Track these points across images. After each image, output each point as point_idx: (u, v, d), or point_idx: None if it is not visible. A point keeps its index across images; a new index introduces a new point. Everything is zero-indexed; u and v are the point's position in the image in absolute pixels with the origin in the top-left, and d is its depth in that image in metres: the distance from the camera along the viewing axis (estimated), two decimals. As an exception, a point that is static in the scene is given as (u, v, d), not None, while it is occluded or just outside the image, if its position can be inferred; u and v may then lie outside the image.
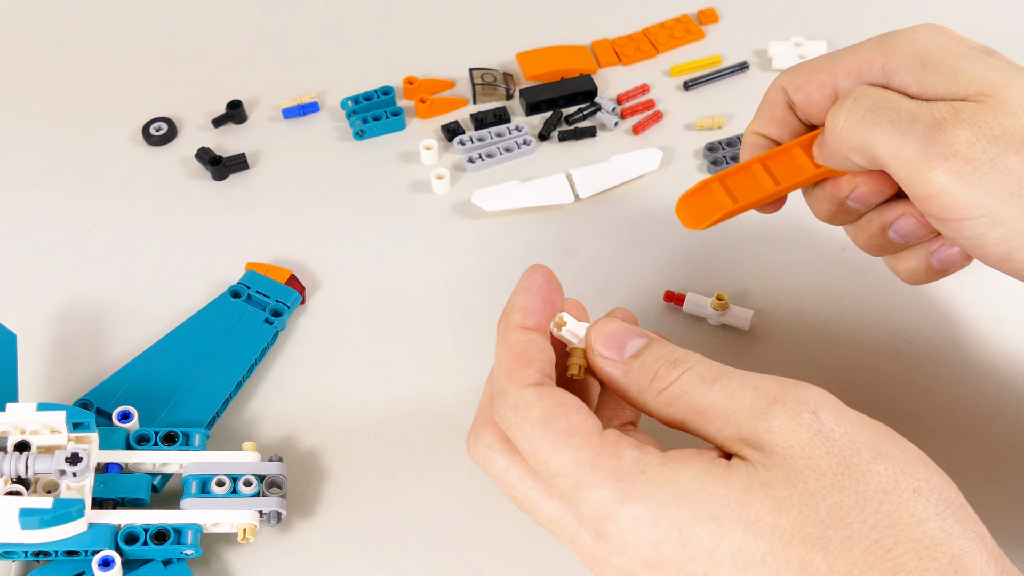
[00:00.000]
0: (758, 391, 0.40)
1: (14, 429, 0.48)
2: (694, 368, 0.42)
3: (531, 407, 0.41)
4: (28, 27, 0.75)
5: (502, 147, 0.66)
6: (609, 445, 0.40)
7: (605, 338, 0.44)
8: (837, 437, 0.38)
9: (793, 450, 0.38)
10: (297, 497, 0.51)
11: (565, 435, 0.40)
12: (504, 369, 0.43)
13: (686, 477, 0.38)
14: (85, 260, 0.62)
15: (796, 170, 0.49)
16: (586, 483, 0.39)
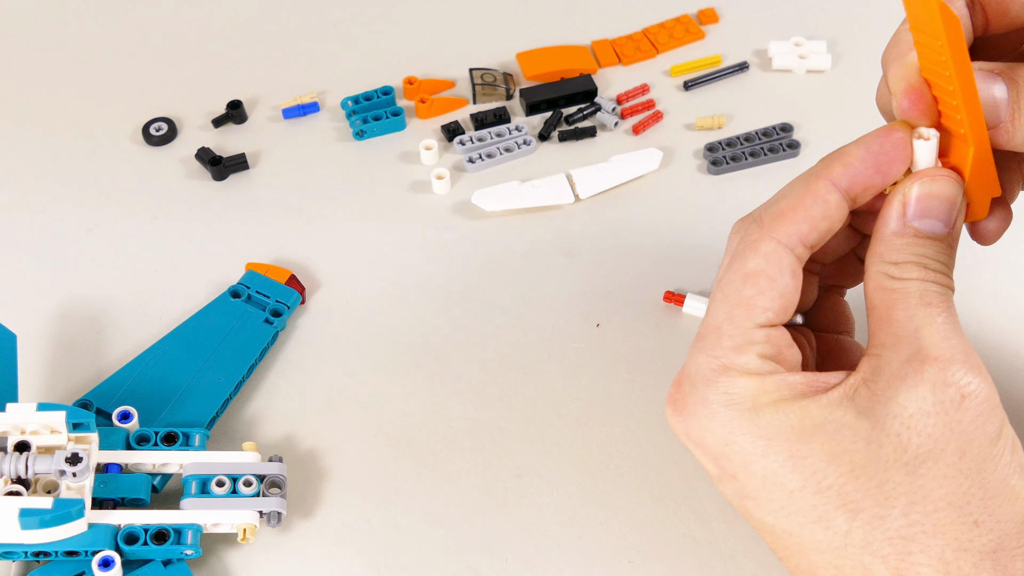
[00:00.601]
0: (947, 342, 0.37)
1: (14, 429, 0.48)
2: (929, 284, 0.38)
3: (754, 254, 0.40)
4: (28, 27, 0.75)
5: (502, 147, 0.66)
6: (745, 339, 0.39)
7: (924, 191, 0.39)
8: (959, 430, 0.36)
9: (903, 412, 0.36)
10: (297, 497, 0.51)
11: (738, 301, 0.40)
12: (779, 206, 0.40)
13: (768, 394, 0.38)
14: (85, 260, 0.62)
15: None
16: (704, 344, 0.40)
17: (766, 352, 0.40)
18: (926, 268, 0.38)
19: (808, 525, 0.38)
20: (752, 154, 0.65)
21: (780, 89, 0.70)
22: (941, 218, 0.39)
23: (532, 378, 0.56)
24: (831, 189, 0.40)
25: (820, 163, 0.40)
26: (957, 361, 0.37)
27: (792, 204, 0.40)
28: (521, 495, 0.51)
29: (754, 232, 0.40)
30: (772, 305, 0.40)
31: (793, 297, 0.40)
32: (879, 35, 0.73)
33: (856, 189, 0.40)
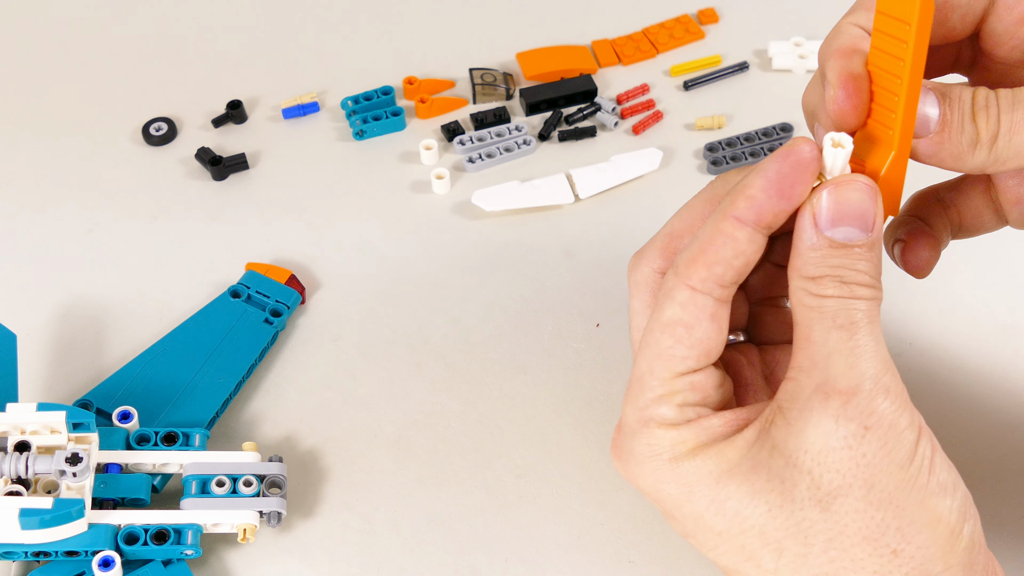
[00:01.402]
0: (852, 370, 0.36)
1: (14, 429, 0.48)
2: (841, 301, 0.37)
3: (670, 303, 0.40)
4: (28, 27, 0.75)
5: (502, 147, 0.66)
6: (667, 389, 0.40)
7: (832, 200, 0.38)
8: (863, 464, 0.36)
9: (812, 448, 0.37)
10: (297, 497, 0.51)
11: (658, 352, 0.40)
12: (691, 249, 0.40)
13: (685, 443, 0.39)
14: (85, 260, 0.62)
15: None
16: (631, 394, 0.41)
17: (689, 399, 0.40)
18: (843, 283, 0.37)
19: (742, 563, 0.39)
20: (752, 154, 0.66)
21: (780, 89, 0.70)
22: (856, 225, 0.38)
23: (532, 378, 0.56)
24: (738, 226, 0.39)
25: (726, 199, 0.39)
26: (862, 391, 0.36)
27: (703, 247, 0.39)
28: (521, 495, 0.51)
29: (669, 280, 0.40)
30: (691, 353, 0.40)
31: (715, 339, 0.40)
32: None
33: (765, 219, 0.39)
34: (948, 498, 0.37)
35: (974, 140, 0.38)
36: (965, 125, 0.38)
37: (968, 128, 0.38)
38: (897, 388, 0.37)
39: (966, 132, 0.38)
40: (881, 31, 0.37)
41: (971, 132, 0.38)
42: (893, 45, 0.37)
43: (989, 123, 0.38)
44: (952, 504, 0.37)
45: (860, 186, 0.38)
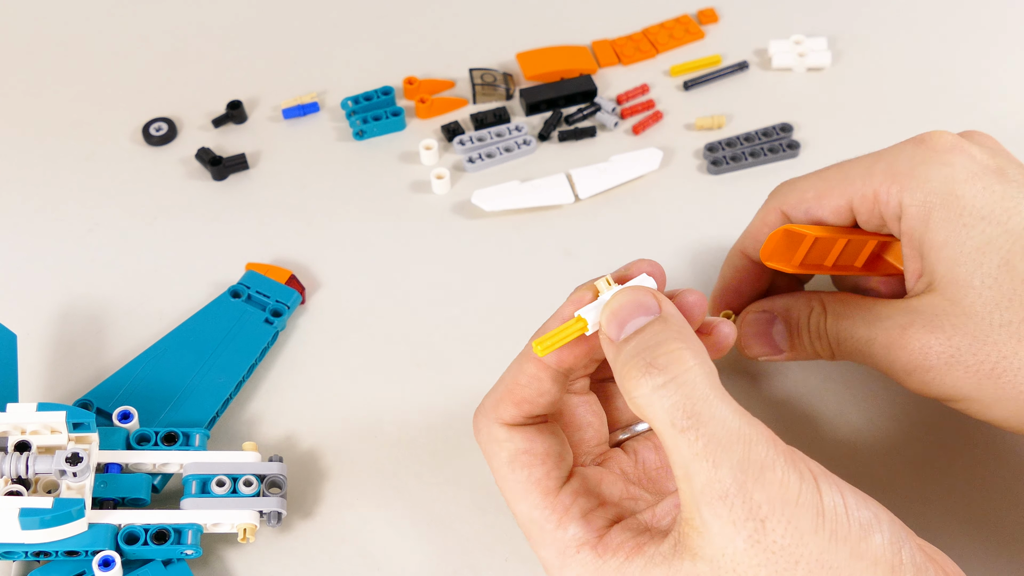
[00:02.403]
0: (717, 471, 0.36)
1: (14, 429, 0.48)
2: (667, 395, 0.37)
3: (499, 446, 0.43)
4: (28, 27, 0.75)
5: (502, 147, 0.66)
6: (559, 511, 0.42)
7: (610, 315, 0.40)
8: (777, 550, 0.36)
9: (725, 551, 0.37)
10: (297, 497, 0.51)
11: (524, 488, 0.42)
12: (498, 390, 0.44)
13: (609, 568, 0.40)
14: (85, 260, 0.62)
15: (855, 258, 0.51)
16: (535, 540, 0.42)
17: (585, 507, 0.42)
18: (651, 366, 0.38)
19: None
20: (752, 154, 0.66)
21: (780, 89, 0.70)
22: (635, 315, 0.39)
23: (532, 378, 0.56)
24: (540, 369, 0.42)
25: (535, 335, 0.43)
26: (735, 493, 0.36)
27: (507, 387, 0.43)
28: (521, 495, 0.51)
29: (483, 426, 0.44)
30: (547, 467, 0.42)
31: (560, 447, 0.43)
32: (879, 30, 0.73)
33: (567, 365, 0.42)
34: (876, 535, 0.37)
35: (814, 354, 0.50)
36: (806, 347, 0.50)
37: (808, 349, 0.50)
38: (769, 453, 0.37)
39: (807, 351, 0.50)
40: None
41: (811, 351, 0.50)
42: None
43: (823, 346, 0.49)
44: (882, 540, 0.37)
45: (623, 291, 0.40)
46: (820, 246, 0.48)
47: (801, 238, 0.48)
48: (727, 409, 0.37)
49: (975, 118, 0.67)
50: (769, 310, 0.51)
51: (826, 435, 0.53)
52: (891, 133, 0.67)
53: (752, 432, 0.37)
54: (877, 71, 0.71)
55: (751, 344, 0.52)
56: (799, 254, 0.48)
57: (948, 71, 0.71)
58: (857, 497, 0.38)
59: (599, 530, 0.41)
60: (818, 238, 0.48)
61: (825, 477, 0.37)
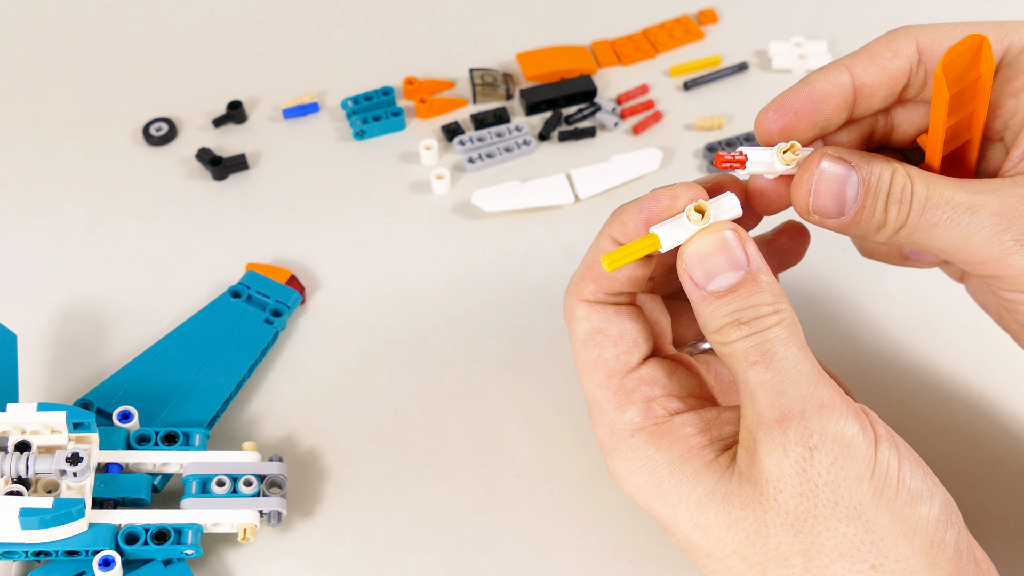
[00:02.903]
0: (780, 398, 0.38)
1: (14, 429, 0.48)
2: (747, 340, 0.38)
3: (578, 323, 0.43)
4: (28, 27, 0.75)
5: (502, 147, 0.66)
6: (622, 394, 0.41)
7: (695, 260, 0.40)
8: (820, 484, 0.37)
9: (771, 476, 0.38)
10: (297, 497, 0.51)
11: (592, 366, 0.42)
12: (580, 267, 0.43)
13: (663, 459, 0.40)
14: (85, 260, 0.62)
15: None
16: (595, 418, 0.42)
17: (646, 395, 0.42)
18: (741, 324, 0.39)
19: None
20: (752, 154, 0.65)
21: (780, 89, 0.70)
22: (726, 270, 0.39)
23: (532, 378, 0.56)
24: (612, 243, 0.42)
25: (606, 221, 0.42)
26: (793, 415, 0.37)
27: (587, 264, 0.43)
28: (521, 495, 0.51)
29: (567, 303, 0.43)
30: (617, 351, 0.42)
31: (635, 332, 0.42)
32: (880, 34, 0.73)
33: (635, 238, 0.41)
34: (923, 506, 0.37)
35: (881, 225, 0.41)
36: (877, 213, 0.40)
37: (879, 215, 0.40)
38: (836, 399, 0.38)
39: (876, 218, 0.41)
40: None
41: (880, 219, 0.40)
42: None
43: (899, 217, 0.40)
44: (929, 512, 0.37)
45: (710, 237, 0.40)
46: (967, 94, 0.41)
47: (978, 64, 0.40)
48: (803, 356, 0.38)
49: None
50: (848, 159, 0.41)
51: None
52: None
53: (822, 378, 0.38)
54: (877, 71, 0.71)
55: (822, 196, 0.41)
56: (960, 83, 0.40)
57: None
58: (915, 467, 0.38)
59: (658, 418, 0.41)
60: (982, 78, 0.40)
61: (888, 440, 0.38)
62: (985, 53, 0.40)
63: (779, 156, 0.41)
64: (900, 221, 0.40)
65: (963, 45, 0.40)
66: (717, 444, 0.40)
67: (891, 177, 0.40)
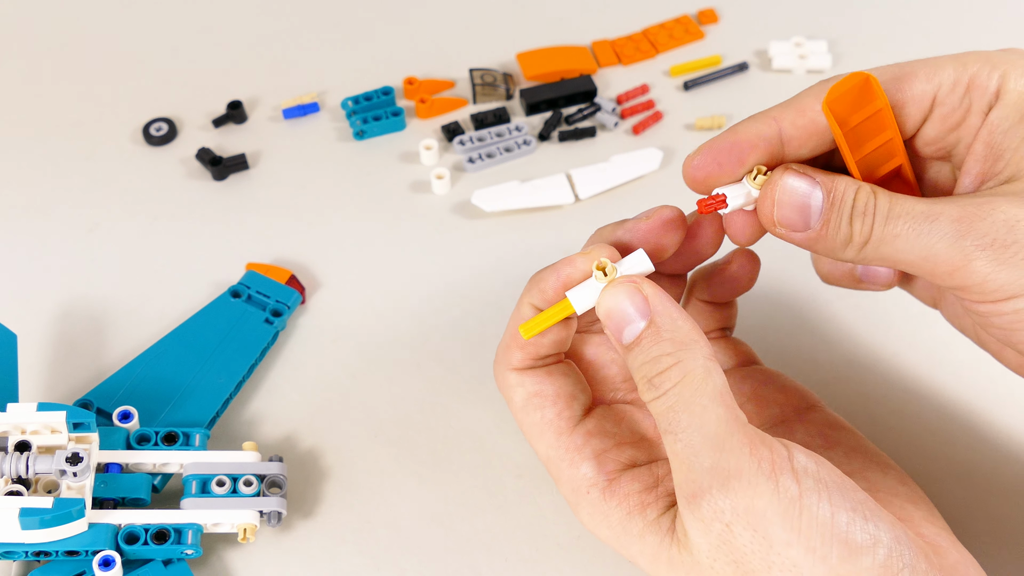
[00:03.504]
0: (689, 473, 0.38)
1: (14, 429, 0.48)
2: (657, 403, 0.39)
3: (513, 391, 0.44)
4: (28, 27, 0.75)
5: (502, 147, 0.66)
6: (572, 450, 0.43)
7: (606, 315, 0.41)
8: (748, 552, 0.37)
9: (702, 549, 0.38)
10: (297, 497, 0.51)
11: (539, 429, 0.43)
12: (505, 337, 0.44)
13: (615, 516, 0.41)
14: (85, 260, 0.62)
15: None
16: (555, 477, 0.43)
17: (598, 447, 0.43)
18: (650, 383, 0.39)
19: None
20: (752, 154, 0.65)
21: (780, 89, 0.70)
22: (631, 320, 0.40)
23: (532, 378, 0.56)
24: (532, 310, 0.43)
25: (528, 284, 0.43)
26: (702, 494, 0.38)
27: (512, 333, 0.44)
28: (521, 495, 0.51)
29: (498, 374, 0.45)
30: (559, 407, 0.43)
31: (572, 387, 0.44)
32: (880, 35, 0.73)
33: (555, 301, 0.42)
34: (865, 557, 0.36)
35: (847, 239, 0.41)
36: (842, 226, 0.40)
37: (844, 229, 0.40)
38: (742, 466, 0.37)
39: (841, 231, 0.40)
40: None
41: (846, 233, 0.40)
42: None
43: (863, 229, 0.40)
44: (872, 562, 0.36)
45: (612, 290, 0.41)
46: (872, 124, 0.42)
47: (872, 98, 0.41)
48: (709, 415, 0.38)
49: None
50: (811, 175, 0.41)
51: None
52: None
53: (729, 439, 0.38)
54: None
55: (786, 207, 0.41)
56: (857, 116, 0.42)
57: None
58: (853, 514, 0.37)
59: (610, 473, 0.42)
60: (881, 110, 0.42)
61: (816, 490, 0.37)
62: (875, 88, 0.41)
63: (751, 184, 0.42)
64: (865, 234, 0.40)
65: (847, 83, 0.41)
66: (663, 501, 0.41)
67: (855, 191, 0.41)
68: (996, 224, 0.38)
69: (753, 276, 0.47)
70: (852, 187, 0.41)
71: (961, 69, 0.41)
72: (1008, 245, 0.38)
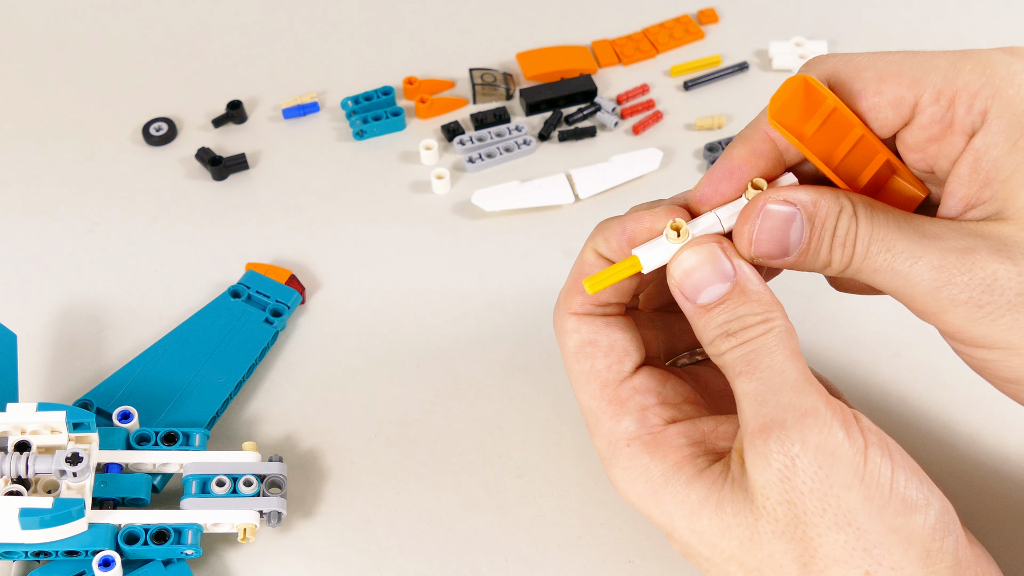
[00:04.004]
0: (762, 408, 0.38)
1: (14, 429, 0.48)
2: (736, 350, 0.39)
3: (568, 336, 0.43)
4: (28, 27, 0.75)
5: (502, 147, 0.66)
6: (616, 403, 0.42)
7: (682, 274, 0.41)
8: (806, 492, 0.37)
9: (758, 485, 0.38)
10: (297, 497, 0.51)
11: (585, 378, 0.42)
12: (566, 284, 0.44)
13: (657, 468, 0.41)
14: (85, 260, 0.62)
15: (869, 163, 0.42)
16: (592, 429, 0.43)
17: (641, 404, 0.42)
18: (729, 335, 0.40)
19: None
20: (752, 154, 0.65)
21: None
22: (714, 282, 0.40)
23: (532, 378, 0.56)
24: (596, 257, 0.43)
25: (591, 234, 0.43)
26: (773, 427, 0.37)
27: (574, 278, 0.43)
28: (521, 495, 0.51)
29: (557, 318, 0.44)
30: (608, 361, 0.42)
31: (626, 341, 0.43)
32: (880, 35, 0.73)
33: (619, 255, 0.42)
34: (918, 515, 0.37)
35: (827, 264, 0.41)
36: (821, 253, 0.41)
37: (823, 257, 0.41)
38: (819, 407, 0.37)
39: (820, 259, 0.41)
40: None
41: (825, 260, 0.41)
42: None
43: (843, 259, 0.40)
44: (924, 521, 0.37)
45: (695, 252, 0.40)
46: (833, 126, 0.41)
47: (820, 100, 0.40)
48: (790, 364, 0.39)
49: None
50: (792, 202, 0.40)
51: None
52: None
53: (808, 386, 0.38)
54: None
55: (763, 241, 0.41)
56: (812, 123, 0.40)
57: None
58: (910, 475, 0.37)
59: (653, 427, 0.42)
60: (836, 109, 0.40)
61: (880, 446, 0.37)
62: (818, 89, 0.40)
63: (747, 196, 0.42)
64: (844, 263, 0.41)
65: (786, 91, 0.40)
66: (711, 455, 0.41)
67: (836, 219, 0.40)
68: (974, 282, 0.38)
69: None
70: (835, 209, 0.40)
71: (951, 77, 0.39)
72: (983, 305, 0.38)
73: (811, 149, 0.41)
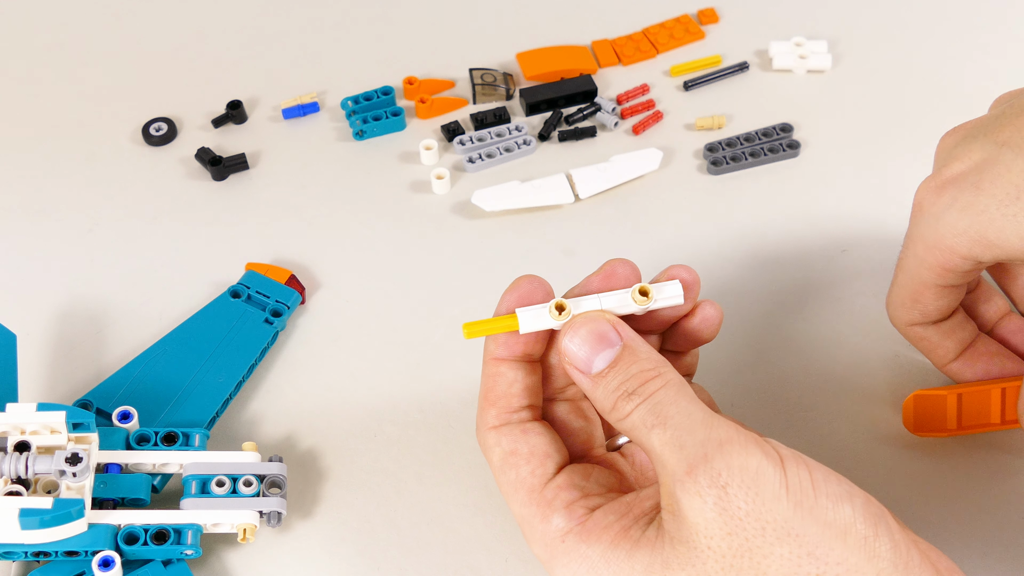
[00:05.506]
0: (683, 451, 0.39)
1: (14, 429, 0.48)
2: (643, 406, 0.41)
3: (491, 451, 0.44)
4: (28, 27, 0.75)
5: (502, 147, 0.66)
6: (543, 505, 0.43)
7: (573, 350, 0.43)
8: (743, 516, 0.38)
9: (698, 527, 0.38)
10: (297, 497, 0.51)
11: (513, 487, 0.44)
12: (478, 403, 0.45)
13: (595, 553, 0.41)
14: (85, 260, 0.62)
15: None
16: (528, 537, 0.43)
17: (568, 499, 0.43)
18: (630, 394, 0.41)
19: None
20: (752, 154, 0.66)
21: (780, 89, 0.70)
22: (602, 349, 0.42)
23: (532, 378, 0.56)
24: (498, 364, 0.44)
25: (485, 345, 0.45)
26: (698, 463, 0.38)
27: (483, 393, 0.45)
28: (521, 495, 0.51)
29: (480, 438, 0.45)
30: (531, 466, 0.44)
31: (547, 446, 0.44)
32: (880, 35, 0.73)
33: (519, 353, 0.44)
34: (846, 506, 0.38)
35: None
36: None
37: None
38: (732, 435, 0.39)
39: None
40: None
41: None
42: None
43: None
44: (853, 511, 0.38)
45: (581, 323, 0.43)
46: (971, 401, 0.44)
47: (941, 402, 0.44)
48: (694, 406, 0.40)
49: (975, 118, 0.67)
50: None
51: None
52: (891, 135, 0.67)
53: (716, 420, 0.40)
54: (878, 75, 0.71)
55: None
56: (951, 416, 0.45)
57: (947, 75, 0.70)
58: (827, 475, 0.39)
59: (581, 517, 0.42)
60: (962, 394, 0.43)
61: (793, 458, 0.39)
62: (931, 399, 0.45)
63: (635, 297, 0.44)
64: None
65: (908, 408, 0.46)
66: (641, 521, 0.41)
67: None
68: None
69: (716, 328, 0.47)
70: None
71: None
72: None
73: (966, 431, 0.45)
